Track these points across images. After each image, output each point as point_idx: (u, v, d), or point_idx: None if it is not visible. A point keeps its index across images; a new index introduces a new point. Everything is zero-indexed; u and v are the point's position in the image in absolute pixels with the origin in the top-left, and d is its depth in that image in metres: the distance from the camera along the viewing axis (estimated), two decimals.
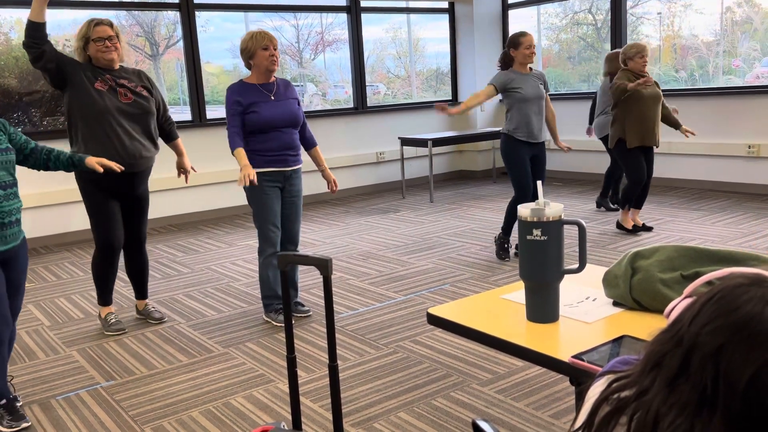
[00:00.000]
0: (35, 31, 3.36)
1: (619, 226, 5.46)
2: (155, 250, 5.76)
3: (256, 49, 3.65)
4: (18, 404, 2.85)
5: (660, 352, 0.80)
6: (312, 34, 8.23)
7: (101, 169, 3.08)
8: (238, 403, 2.90)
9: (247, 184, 3.51)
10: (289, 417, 2.68)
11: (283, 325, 3.72)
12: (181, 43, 7.00)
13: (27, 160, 2.98)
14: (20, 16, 6.21)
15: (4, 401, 2.79)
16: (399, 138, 7.68)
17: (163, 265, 5.24)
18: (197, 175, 6.80)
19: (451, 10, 8.82)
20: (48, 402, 3.00)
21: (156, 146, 3.77)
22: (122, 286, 4.76)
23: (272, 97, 3.71)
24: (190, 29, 6.86)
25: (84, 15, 6.56)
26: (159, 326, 3.89)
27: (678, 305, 1.02)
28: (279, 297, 3.82)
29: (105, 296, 3.87)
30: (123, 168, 3.31)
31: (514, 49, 4.69)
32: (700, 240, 5.05)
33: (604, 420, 0.84)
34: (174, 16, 7.11)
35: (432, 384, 2.97)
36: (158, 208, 6.71)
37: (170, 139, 3.96)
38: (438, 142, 7.35)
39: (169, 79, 7.67)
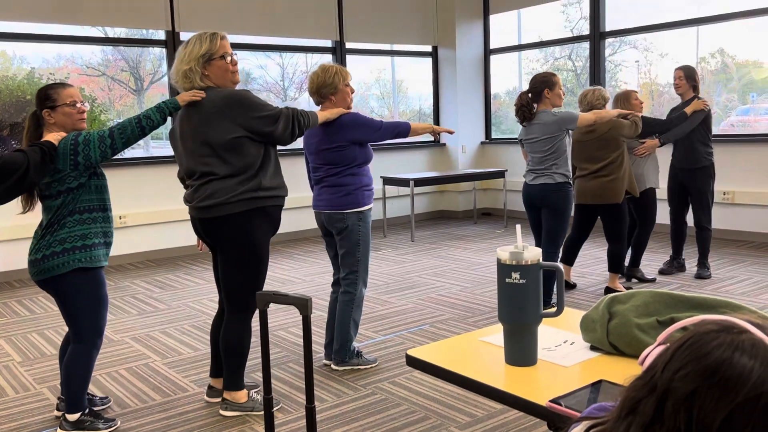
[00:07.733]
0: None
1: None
2: (132, 285, 5.69)
3: (342, 86, 3.54)
4: None
5: (635, 398, 0.81)
6: (297, 72, 8.31)
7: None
8: None
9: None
10: None
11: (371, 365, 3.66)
12: (165, 78, 7.04)
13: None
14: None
15: None
16: (381, 177, 7.73)
17: (140, 301, 5.17)
18: (176, 211, 6.76)
19: (434, 54, 8.99)
20: None
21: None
22: None
23: None
24: None
25: (70, 50, 6.58)
26: (133, 363, 3.82)
27: (652, 352, 1.03)
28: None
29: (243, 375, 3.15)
30: None
31: (549, 90, 4.32)
32: (678, 285, 5.10)
33: None
34: (160, 52, 7.16)
35: (410, 426, 2.93)
36: (135, 243, 6.65)
37: None
38: (420, 182, 7.40)
39: None
